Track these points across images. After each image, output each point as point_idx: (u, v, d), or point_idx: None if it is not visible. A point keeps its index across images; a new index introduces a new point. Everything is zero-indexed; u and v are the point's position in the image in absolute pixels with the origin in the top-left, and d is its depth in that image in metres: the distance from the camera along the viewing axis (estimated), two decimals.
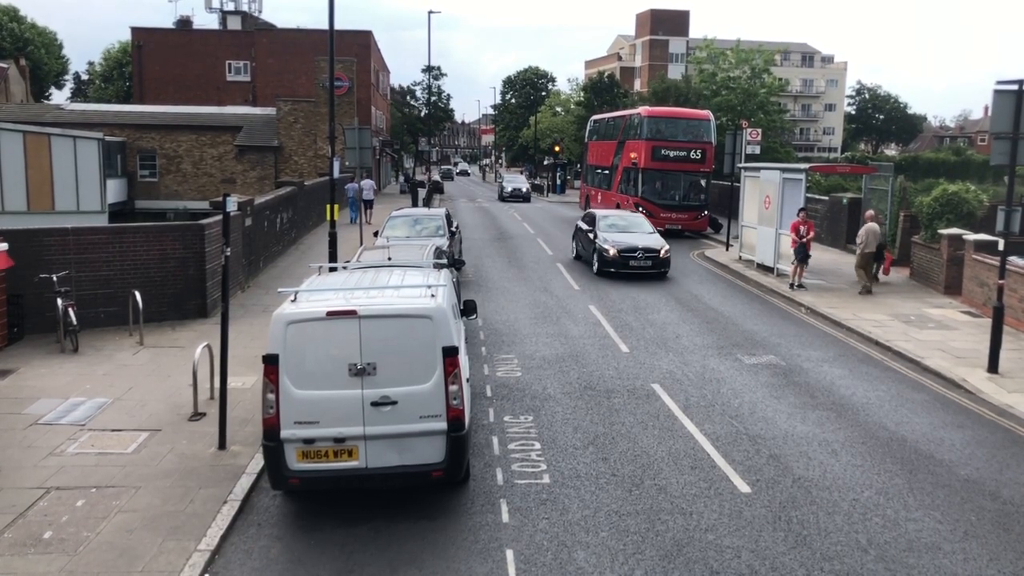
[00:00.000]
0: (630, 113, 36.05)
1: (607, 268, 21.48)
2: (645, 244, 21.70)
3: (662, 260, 21.64)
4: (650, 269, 21.47)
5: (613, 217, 24.11)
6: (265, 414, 7.91)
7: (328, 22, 19.34)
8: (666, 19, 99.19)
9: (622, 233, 22.45)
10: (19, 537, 7.56)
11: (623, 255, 21.33)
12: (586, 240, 23.30)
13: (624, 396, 12.13)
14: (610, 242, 21.65)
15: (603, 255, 21.60)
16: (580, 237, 24.30)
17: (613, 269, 21.36)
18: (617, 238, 21.97)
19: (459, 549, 7.68)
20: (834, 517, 8.41)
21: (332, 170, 20.77)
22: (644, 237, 22.44)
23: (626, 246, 21.53)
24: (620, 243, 21.61)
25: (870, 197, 25.22)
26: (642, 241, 21.93)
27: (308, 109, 43.03)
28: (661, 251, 21.64)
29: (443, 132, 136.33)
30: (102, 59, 76.68)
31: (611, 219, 23.64)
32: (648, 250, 21.49)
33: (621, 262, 21.32)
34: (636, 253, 21.37)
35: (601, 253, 21.68)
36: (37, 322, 14.04)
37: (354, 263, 11.83)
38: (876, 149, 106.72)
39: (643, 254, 21.39)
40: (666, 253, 21.74)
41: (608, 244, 21.59)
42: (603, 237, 22.05)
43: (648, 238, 22.40)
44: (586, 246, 23.30)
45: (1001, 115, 13.03)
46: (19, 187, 25.67)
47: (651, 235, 22.84)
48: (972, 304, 18.46)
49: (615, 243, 21.59)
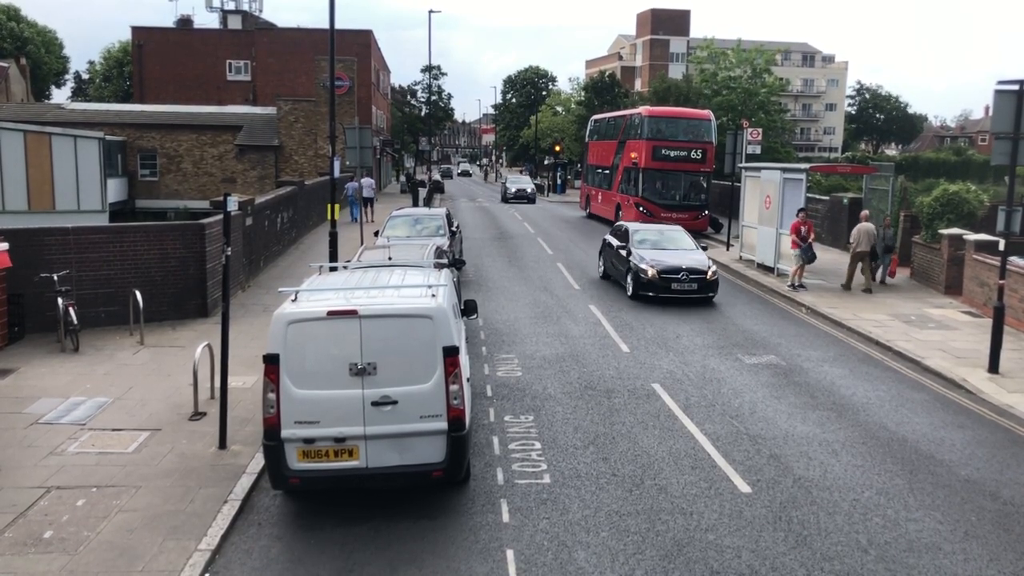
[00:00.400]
0: (631, 113, 36.02)
1: (644, 291, 18.54)
2: (689, 264, 18.64)
3: (709, 283, 18.50)
4: (695, 293, 18.47)
5: (649, 231, 21.05)
6: (265, 414, 7.91)
7: (328, 22, 19.37)
8: (667, 19, 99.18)
9: (660, 250, 19.45)
10: (19, 536, 7.57)
11: (664, 277, 18.31)
12: (617, 258, 20.21)
13: (624, 396, 12.13)
14: (647, 261, 18.70)
15: (639, 276, 18.64)
16: (609, 254, 21.12)
17: (652, 293, 18.43)
18: (656, 256, 18.98)
19: (459, 549, 7.68)
20: (834, 517, 8.41)
21: (332, 169, 20.78)
22: (687, 255, 19.33)
23: (667, 266, 18.51)
24: (660, 262, 18.61)
25: (870, 197, 25.21)
26: (685, 260, 18.87)
27: (308, 108, 43.03)
28: (708, 272, 18.50)
29: (443, 132, 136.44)
30: (102, 58, 76.75)
31: (646, 233, 20.66)
32: (693, 271, 18.41)
33: (661, 285, 18.32)
34: (679, 275, 18.33)
35: (637, 274, 18.73)
36: (38, 321, 14.04)
37: (354, 263, 11.84)
38: (876, 149, 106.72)
39: (687, 275, 18.32)
40: (713, 275, 18.60)
41: (645, 264, 18.63)
42: (639, 255, 19.03)
43: (692, 256, 19.29)
44: (617, 265, 20.20)
45: (1002, 115, 13.03)
46: (20, 186, 25.68)
47: (694, 253, 19.69)
48: (973, 304, 18.46)
49: (654, 262, 18.62)
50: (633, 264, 18.98)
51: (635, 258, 19.04)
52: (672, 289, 18.32)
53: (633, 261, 19.03)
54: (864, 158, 51.47)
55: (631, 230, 20.54)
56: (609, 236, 21.83)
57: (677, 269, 18.44)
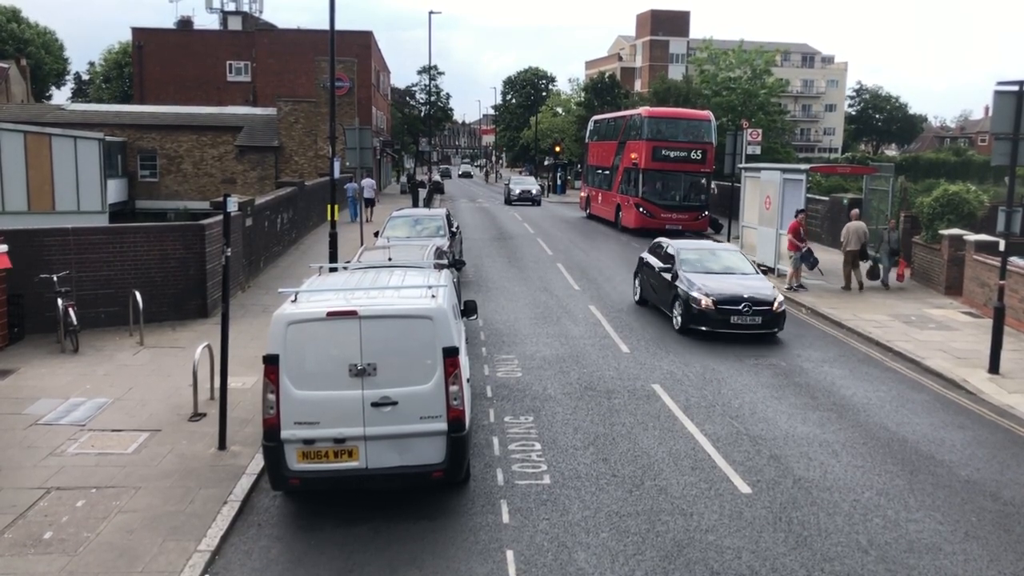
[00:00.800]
0: (631, 113, 36.02)
1: (696, 325, 15.47)
2: (752, 292, 15.47)
3: (776, 315, 15.34)
4: (758, 328, 15.29)
5: (698, 251, 17.67)
6: (265, 414, 7.91)
7: (328, 22, 19.39)
8: (666, 19, 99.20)
9: (713, 274, 16.33)
10: (19, 537, 7.56)
11: (722, 308, 15.17)
12: (659, 282, 17.16)
13: (624, 396, 12.13)
14: (700, 287, 15.54)
15: (691, 307, 15.47)
16: (649, 276, 17.99)
17: (705, 327, 15.36)
18: (709, 282, 15.76)
19: (459, 549, 7.68)
20: (835, 518, 8.41)
21: (332, 170, 20.79)
22: (746, 281, 16.11)
23: (725, 295, 15.36)
24: (715, 290, 15.44)
25: (871, 198, 25.21)
26: (745, 287, 15.70)
27: (308, 109, 43.03)
28: (774, 303, 15.30)
29: (443, 132, 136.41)
30: (102, 59, 76.76)
31: (695, 253, 17.29)
32: (757, 301, 15.25)
33: (718, 318, 15.22)
34: (740, 306, 15.14)
35: (688, 304, 15.54)
36: (37, 322, 14.03)
37: (354, 263, 11.84)
38: (876, 149, 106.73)
39: (749, 307, 15.14)
40: (780, 306, 15.44)
41: (697, 291, 15.47)
42: (688, 280, 15.89)
43: (752, 283, 16.03)
44: (659, 290, 17.19)
45: (1002, 116, 13.04)
46: (20, 187, 25.67)
47: (754, 278, 16.43)
48: (973, 304, 18.45)
49: (708, 290, 15.45)
50: (681, 291, 15.85)
51: (683, 283, 15.90)
52: (731, 324, 15.19)
53: (681, 287, 15.91)
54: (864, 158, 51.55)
55: (677, 249, 17.26)
56: (647, 255, 18.47)
57: (737, 299, 15.26)
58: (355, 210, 32.44)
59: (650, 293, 17.97)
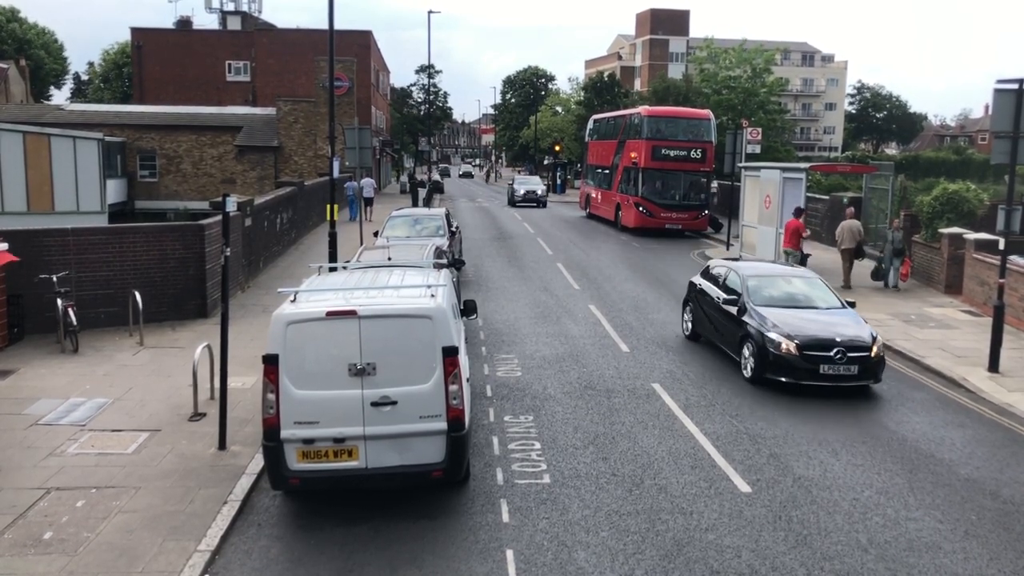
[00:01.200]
0: (630, 112, 36.03)
1: (775, 374, 12.30)
2: (846, 334, 12.34)
3: (874, 362, 12.23)
4: (855, 380, 12.14)
5: (769, 276, 14.35)
6: (265, 414, 7.91)
7: (328, 22, 19.34)
8: (666, 19, 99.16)
9: (793, 309, 13.21)
10: (19, 537, 7.56)
11: (809, 354, 12.06)
12: (721, 316, 14.06)
13: (624, 396, 12.13)
14: (778, 327, 12.47)
15: (767, 351, 12.33)
16: (704, 307, 14.87)
17: (787, 378, 12.19)
18: (791, 320, 12.71)
19: (459, 549, 7.68)
20: (834, 516, 8.41)
21: (332, 170, 20.78)
22: (834, 318, 13.05)
23: (813, 337, 12.24)
24: (800, 331, 12.35)
25: (871, 196, 25.21)
26: (836, 327, 12.62)
27: (308, 109, 43.03)
28: (872, 348, 12.25)
29: (442, 132, 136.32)
30: (101, 59, 76.75)
31: (766, 280, 14.10)
32: (852, 346, 12.09)
33: (804, 367, 12.05)
34: (833, 352, 11.96)
35: (763, 347, 12.40)
36: (37, 322, 14.03)
37: (354, 263, 11.85)
38: (876, 148, 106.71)
39: (843, 353, 11.97)
40: (879, 351, 12.39)
41: (776, 331, 12.39)
42: (762, 316, 12.86)
43: (842, 320, 12.98)
44: (722, 327, 14.05)
45: (1001, 114, 13.05)
46: (19, 187, 25.66)
47: (843, 314, 13.25)
48: (972, 303, 18.45)
49: (790, 329, 12.38)
50: (752, 329, 12.78)
51: (754, 320, 12.91)
52: (821, 374, 12.04)
53: (751, 325, 12.88)
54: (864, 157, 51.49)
55: (743, 275, 14.00)
56: (701, 281, 15.37)
57: (828, 343, 12.12)
58: (354, 209, 32.48)
59: (706, 327, 14.83)
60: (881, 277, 20.55)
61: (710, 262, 16.51)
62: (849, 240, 20.14)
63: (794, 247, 20.08)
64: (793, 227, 19.99)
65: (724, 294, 14.09)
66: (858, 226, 20.44)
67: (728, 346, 13.89)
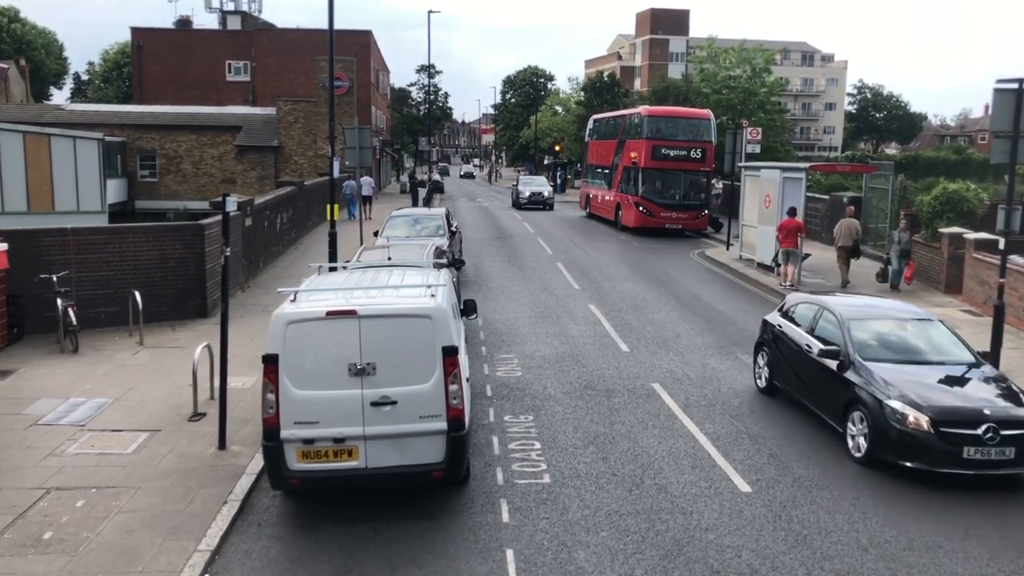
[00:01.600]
0: (630, 112, 36.03)
1: (901, 457, 9.35)
2: (995, 404, 9.53)
3: None
4: (1011, 467, 9.17)
5: (879, 319, 11.26)
6: (265, 414, 7.91)
7: (328, 22, 19.32)
8: (666, 18, 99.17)
9: (916, 366, 10.27)
10: (19, 537, 7.56)
11: (947, 432, 9.14)
12: (813, 371, 11.00)
13: (624, 395, 12.13)
14: (903, 393, 9.55)
15: (887, 425, 9.42)
16: (786, 354, 11.83)
17: (915, 463, 9.26)
18: (917, 382, 9.81)
19: (459, 548, 7.68)
20: (834, 516, 8.41)
21: (332, 170, 20.78)
22: (973, 379, 10.16)
23: (952, 408, 9.41)
24: (933, 399, 9.50)
25: (871, 196, 25.22)
26: (982, 394, 9.81)
27: (308, 109, 43.03)
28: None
29: (442, 131, 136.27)
30: (101, 59, 76.74)
31: (875, 324, 11.07)
32: (1006, 420, 9.22)
33: (942, 448, 9.12)
34: (981, 429, 9.08)
35: (881, 420, 9.51)
36: (37, 322, 14.03)
37: (354, 263, 11.85)
38: (876, 148, 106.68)
39: (995, 432, 9.07)
40: None
41: (899, 399, 9.49)
42: (876, 376, 9.92)
43: (984, 383, 10.09)
44: (815, 385, 11.02)
45: (1001, 114, 13.03)
46: (19, 187, 25.66)
47: (981, 373, 10.31)
48: (972, 303, 18.45)
49: (919, 398, 9.47)
50: (863, 393, 9.86)
51: (863, 379, 9.98)
52: (965, 459, 9.08)
53: (860, 387, 9.94)
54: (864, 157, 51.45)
55: (844, 317, 10.87)
56: (782, 321, 12.21)
57: (973, 417, 9.23)
58: (353, 208, 32.59)
59: (788, 380, 11.69)
60: (887, 279, 20.36)
61: (790, 297, 13.21)
62: (846, 238, 20.18)
63: (793, 246, 20.10)
64: (793, 226, 20.02)
65: (816, 342, 10.90)
66: (856, 225, 20.47)
67: (825, 410, 10.70)
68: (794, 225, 20.05)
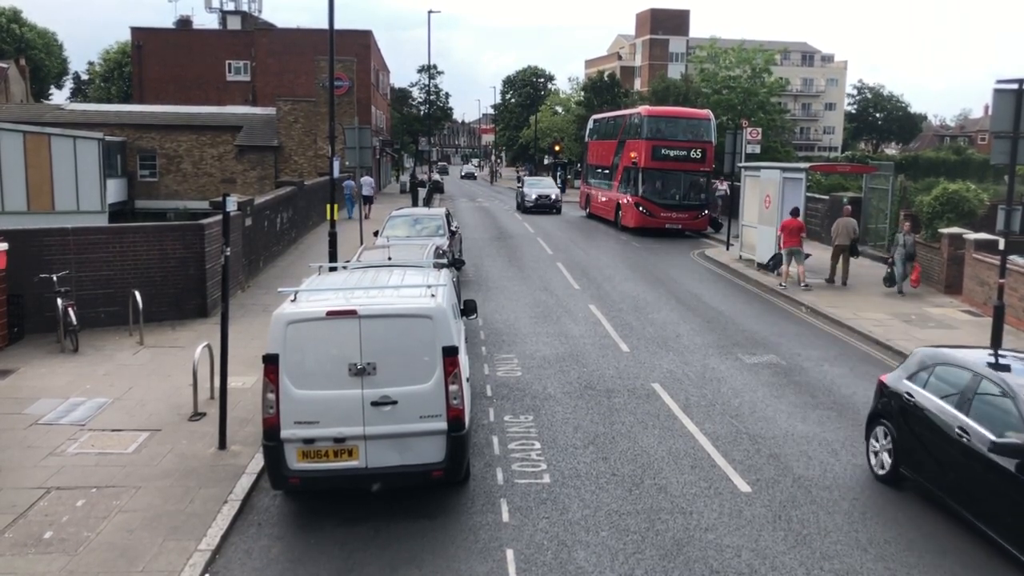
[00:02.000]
0: (630, 112, 36.03)
1: None
2: None
3: None
4: None
5: None
6: (265, 414, 7.91)
7: (328, 22, 19.32)
8: (666, 18, 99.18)
9: None
10: (19, 537, 7.56)
11: None
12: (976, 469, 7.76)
13: (624, 395, 12.13)
14: None
15: None
16: (927, 436, 8.60)
17: None
18: None
19: (459, 548, 7.68)
20: (834, 516, 8.41)
21: (332, 170, 20.79)
22: None
23: None
24: None
25: (871, 196, 25.22)
26: None
27: (308, 109, 43.03)
28: None
29: (443, 131, 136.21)
30: (101, 59, 76.73)
31: None
32: None
33: None
34: None
35: None
36: (37, 322, 14.03)
37: (354, 263, 11.85)
38: (876, 148, 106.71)
39: None
40: None
41: None
42: None
43: None
44: (979, 487, 7.76)
45: (1001, 114, 13.05)
46: (19, 187, 25.66)
47: None
48: (973, 303, 18.45)
49: None
50: None
51: None
52: None
53: None
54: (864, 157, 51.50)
55: (1010, 386, 7.75)
56: (915, 388, 9.02)
57: None
58: (351, 208, 32.63)
59: (930, 473, 8.55)
60: (892, 283, 20.06)
61: (921, 353, 9.56)
62: (843, 237, 20.27)
63: (796, 244, 20.13)
64: (796, 226, 20.04)
65: (983, 430, 7.68)
66: (853, 223, 20.62)
67: (996, 527, 7.52)
68: (796, 225, 20.08)
